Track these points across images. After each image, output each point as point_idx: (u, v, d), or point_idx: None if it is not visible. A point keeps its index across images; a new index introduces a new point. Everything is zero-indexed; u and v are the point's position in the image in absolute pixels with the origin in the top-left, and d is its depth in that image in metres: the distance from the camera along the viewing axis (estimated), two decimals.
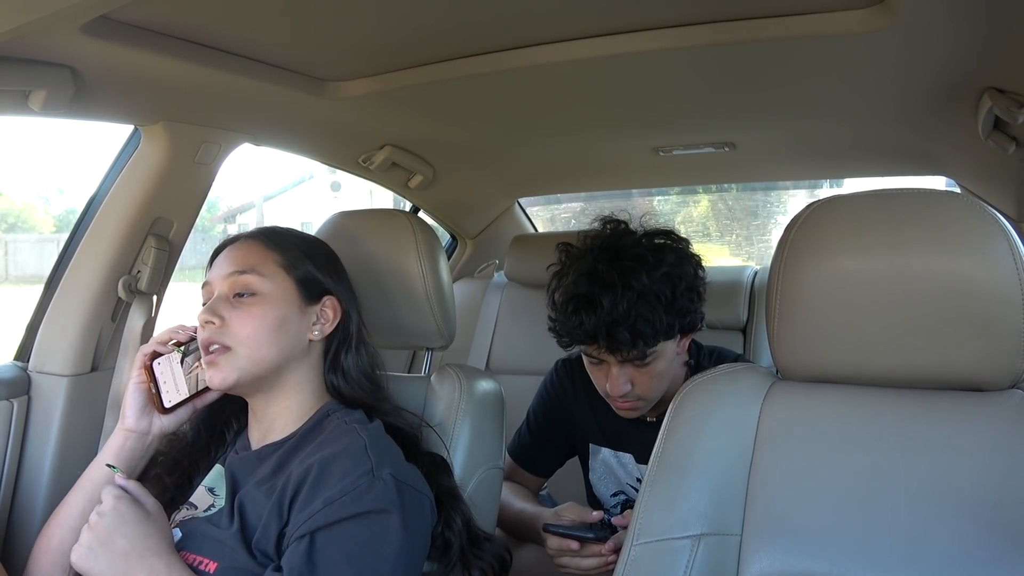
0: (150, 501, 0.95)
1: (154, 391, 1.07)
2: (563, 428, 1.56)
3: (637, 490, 1.47)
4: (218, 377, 1.00)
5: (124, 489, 0.94)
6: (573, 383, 1.55)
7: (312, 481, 0.93)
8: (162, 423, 1.09)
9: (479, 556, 1.05)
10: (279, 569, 0.90)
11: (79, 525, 0.97)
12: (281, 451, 1.02)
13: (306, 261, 1.07)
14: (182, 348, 1.09)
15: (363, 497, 0.91)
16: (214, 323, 1.00)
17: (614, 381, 1.28)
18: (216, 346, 1.00)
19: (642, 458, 1.45)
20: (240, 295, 1.02)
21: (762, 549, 0.87)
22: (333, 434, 1.00)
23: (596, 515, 1.25)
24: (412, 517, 0.94)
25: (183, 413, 1.11)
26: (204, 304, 1.04)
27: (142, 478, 1.08)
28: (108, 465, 1.00)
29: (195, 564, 0.94)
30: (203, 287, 1.06)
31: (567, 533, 1.22)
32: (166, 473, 1.08)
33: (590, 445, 1.54)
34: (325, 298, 1.07)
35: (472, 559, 1.04)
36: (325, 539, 0.89)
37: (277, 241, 1.07)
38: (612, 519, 1.24)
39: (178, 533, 0.97)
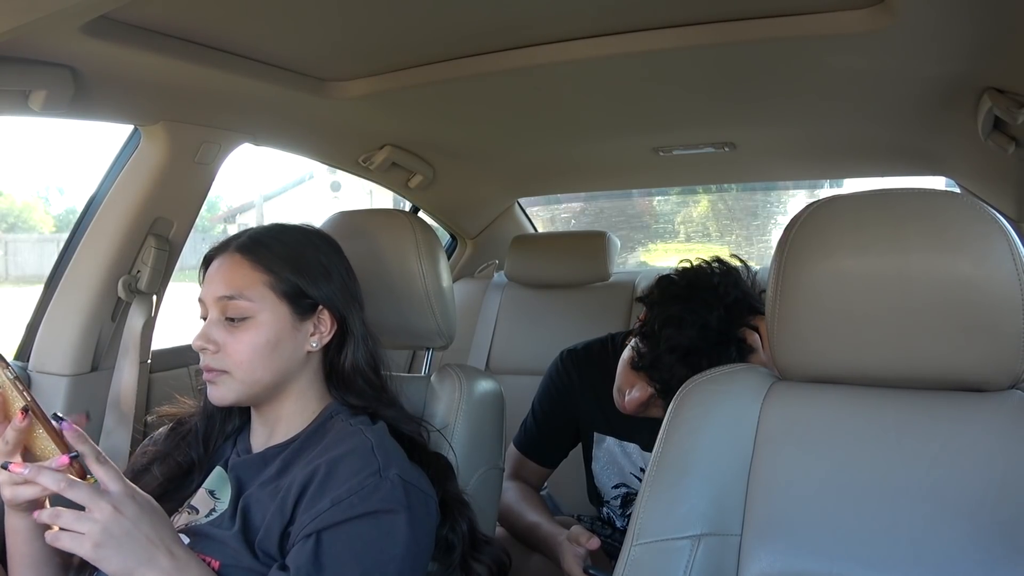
0: (155, 503, 0.92)
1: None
2: (568, 417, 1.58)
3: (640, 480, 1.49)
4: (217, 395, 1.01)
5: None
6: (579, 373, 1.56)
7: (319, 481, 0.93)
8: None
9: (479, 559, 1.05)
10: (284, 568, 0.90)
11: None
12: (286, 453, 1.02)
13: (294, 275, 1.03)
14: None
15: (371, 497, 0.91)
16: (209, 349, 1.00)
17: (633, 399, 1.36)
18: (214, 371, 1.00)
19: (648, 446, 1.46)
20: (232, 319, 1.00)
21: (762, 549, 0.87)
22: (339, 435, 1.00)
23: (594, 543, 1.31)
24: (418, 517, 0.94)
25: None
26: (201, 317, 1.04)
27: (141, 470, 1.08)
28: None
29: None
30: (199, 301, 1.05)
31: None
32: (166, 480, 1.07)
33: (594, 434, 1.55)
34: (319, 309, 1.05)
35: (472, 562, 1.04)
36: (332, 538, 0.89)
37: (262, 257, 1.03)
38: None
39: (185, 539, 0.97)
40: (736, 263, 1.34)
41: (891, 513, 0.83)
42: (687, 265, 1.34)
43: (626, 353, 1.39)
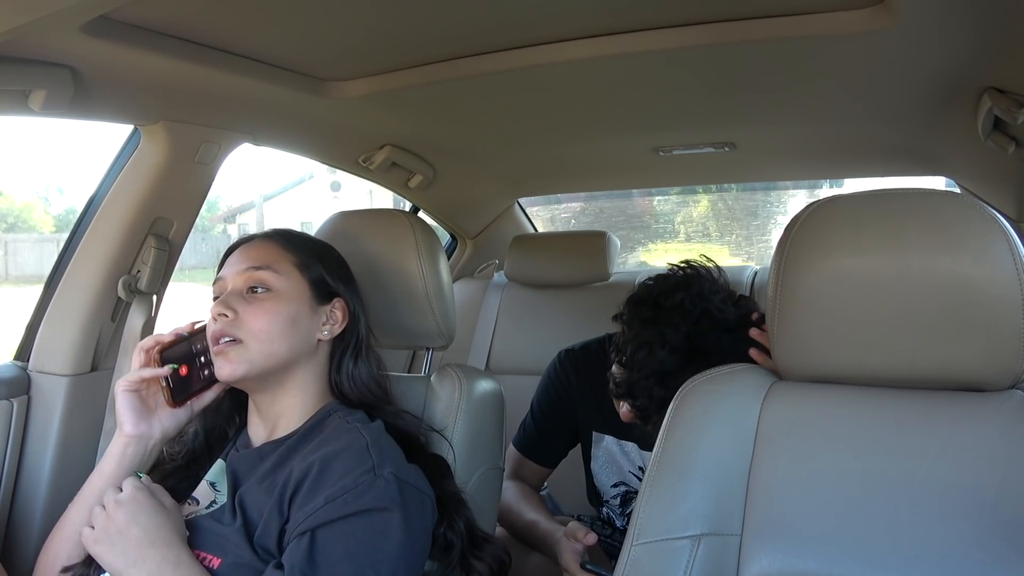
0: (168, 500, 0.97)
1: (165, 384, 1.05)
2: (567, 417, 1.58)
3: (639, 478, 1.49)
4: (227, 369, 1.00)
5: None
6: (577, 372, 1.56)
7: (313, 478, 0.94)
8: (163, 425, 1.07)
9: (479, 557, 1.05)
10: (280, 566, 0.90)
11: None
12: (282, 448, 1.02)
13: (319, 264, 1.09)
14: (187, 339, 1.09)
15: (365, 495, 0.91)
16: (227, 316, 1.00)
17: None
18: (228, 338, 1.00)
19: (646, 445, 1.46)
20: (254, 290, 1.03)
21: (762, 549, 0.87)
22: (335, 433, 1.01)
23: (591, 538, 1.31)
24: (413, 516, 0.94)
25: (182, 415, 1.09)
26: (216, 298, 1.05)
27: None
28: (136, 475, 0.99)
29: (199, 560, 0.94)
30: (215, 283, 1.07)
31: (605, 575, 1.24)
32: (170, 475, 1.08)
33: (593, 433, 1.55)
34: (335, 300, 1.09)
35: (472, 560, 1.05)
36: (326, 536, 0.90)
37: (292, 242, 1.10)
38: None
39: (185, 532, 0.98)
40: (708, 265, 1.32)
41: (891, 513, 0.83)
42: (651, 282, 1.32)
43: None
